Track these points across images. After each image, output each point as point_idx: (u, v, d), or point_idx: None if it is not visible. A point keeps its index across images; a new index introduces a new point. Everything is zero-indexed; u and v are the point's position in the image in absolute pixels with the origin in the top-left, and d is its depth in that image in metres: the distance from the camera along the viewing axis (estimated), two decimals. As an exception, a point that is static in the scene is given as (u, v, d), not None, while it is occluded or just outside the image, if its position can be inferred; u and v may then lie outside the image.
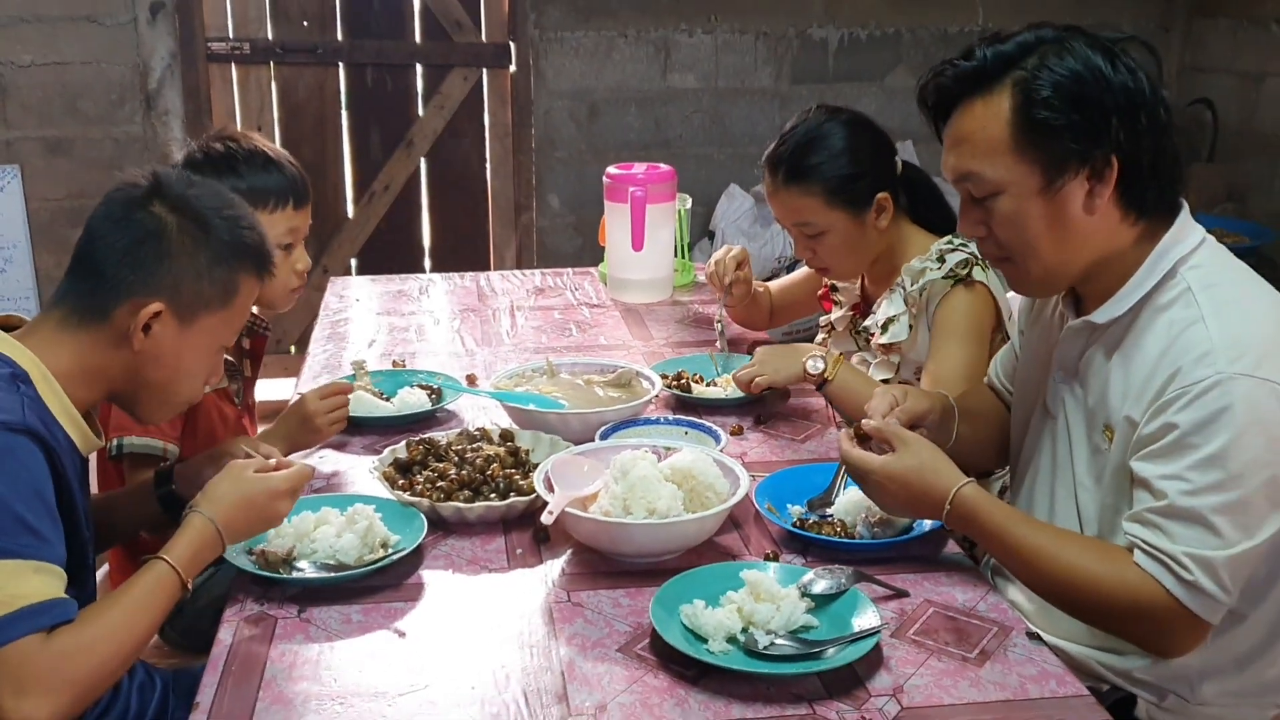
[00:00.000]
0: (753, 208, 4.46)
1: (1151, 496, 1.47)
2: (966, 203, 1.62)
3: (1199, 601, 1.44)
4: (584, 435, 1.96)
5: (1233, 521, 1.43)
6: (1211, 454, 1.43)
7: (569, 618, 1.52)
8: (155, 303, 1.50)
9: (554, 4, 4.42)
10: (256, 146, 2.12)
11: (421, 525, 1.68)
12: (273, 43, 4.43)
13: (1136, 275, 1.56)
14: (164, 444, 1.98)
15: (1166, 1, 4.82)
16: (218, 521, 1.51)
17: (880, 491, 1.60)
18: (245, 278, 1.60)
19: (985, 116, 1.55)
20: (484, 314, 2.83)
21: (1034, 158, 1.52)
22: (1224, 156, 4.60)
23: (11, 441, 1.36)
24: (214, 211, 1.57)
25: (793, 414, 2.20)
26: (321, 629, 1.50)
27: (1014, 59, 1.54)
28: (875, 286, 2.37)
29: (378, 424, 2.10)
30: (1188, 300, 1.52)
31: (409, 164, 4.65)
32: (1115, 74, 1.51)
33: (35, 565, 1.33)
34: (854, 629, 1.44)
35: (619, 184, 2.86)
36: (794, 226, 2.27)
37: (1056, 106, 1.50)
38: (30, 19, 4.10)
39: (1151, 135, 1.51)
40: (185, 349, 1.56)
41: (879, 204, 2.22)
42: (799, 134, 2.22)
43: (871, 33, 4.66)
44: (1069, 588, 1.52)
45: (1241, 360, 1.43)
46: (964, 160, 1.58)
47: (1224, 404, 1.42)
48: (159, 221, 1.53)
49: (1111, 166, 1.51)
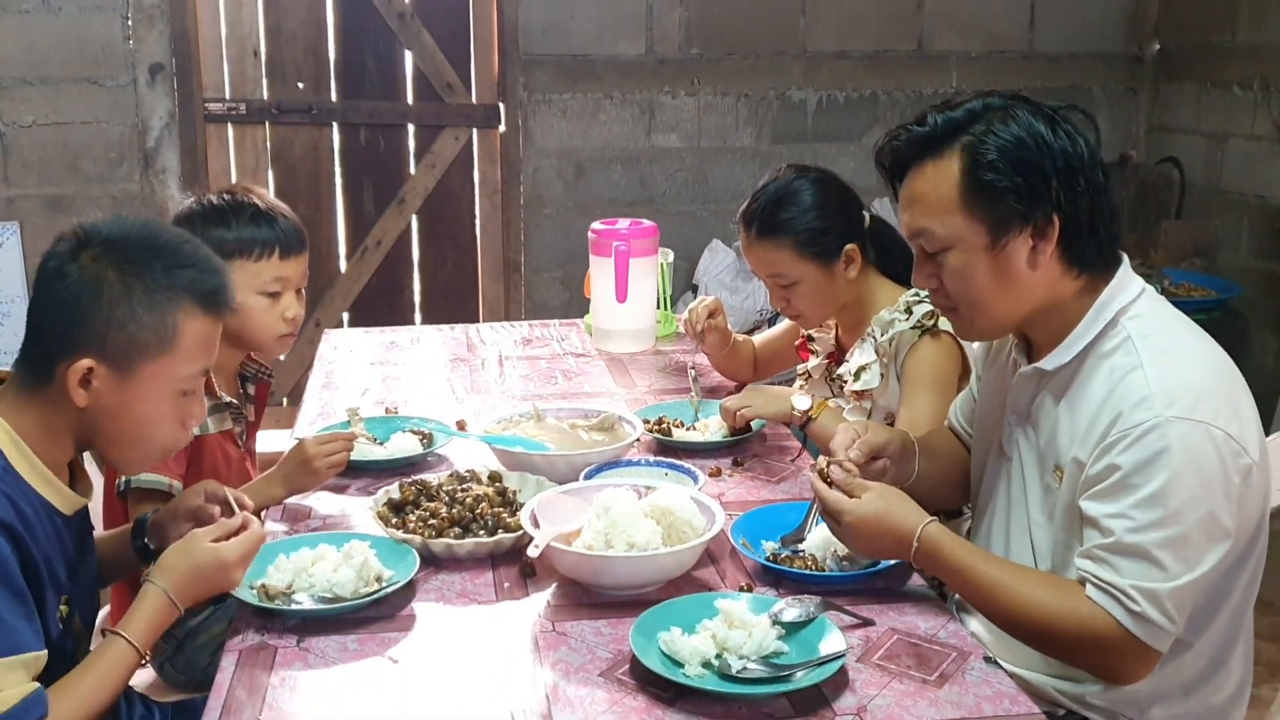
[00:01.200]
0: (735, 262, 4.59)
1: (1100, 534, 1.57)
2: (920, 257, 1.74)
3: (1147, 631, 1.54)
4: (569, 476, 2.06)
5: (1174, 555, 1.53)
6: (1152, 493, 1.53)
7: (553, 645, 1.60)
8: (85, 358, 1.49)
9: (542, 67, 4.57)
10: (249, 199, 2.20)
11: (414, 561, 1.77)
12: (269, 103, 4.56)
13: (1081, 324, 1.68)
14: (169, 480, 2.03)
15: (1134, 65, 4.99)
16: (171, 592, 1.57)
17: (852, 533, 1.69)
18: (186, 317, 1.55)
19: (936, 178, 1.67)
20: (473, 363, 2.93)
21: (980, 216, 1.64)
22: (1191, 213, 4.75)
23: None
24: (146, 253, 1.54)
25: (768, 456, 2.30)
26: (320, 657, 1.58)
27: (963, 125, 1.66)
28: (848, 335, 2.47)
29: (372, 467, 2.20)
30: (1128, 348, 1.63)
31: (401, 220, 4.77)
32: (1056, 139, 1.63)
33: (6, 663, 1.39)
34: (821, 654, 1.53)
35: (603, 239, 2.97)
36: (768, 277, 2.39)
37: (1001, 169, 1.62)
38: (34, 81, 4.23)
39: (1090, 196, 1.64)
40: (134, 399, 1.54)
41: (847, 255, 2.34)
42: (770, 191, 2.35)
43: (849, 95, 4.82)
44: (1026, 619, 1.61)
45: (1177, 404, 1.54)
46: (916, 218, 1.70)
47: (1162, 445, 1.53)
48: (84, 274, 1.51)
49: (1053, 225, 1.62)
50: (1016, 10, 4.87)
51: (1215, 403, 1.56)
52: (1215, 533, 1.54)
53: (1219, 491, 1.54)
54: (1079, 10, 4.90)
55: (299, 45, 4.57)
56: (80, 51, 4.24)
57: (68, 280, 1.51)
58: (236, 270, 2.06)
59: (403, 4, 4.58)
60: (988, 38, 4.86)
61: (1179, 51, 4.84)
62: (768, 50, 4.71)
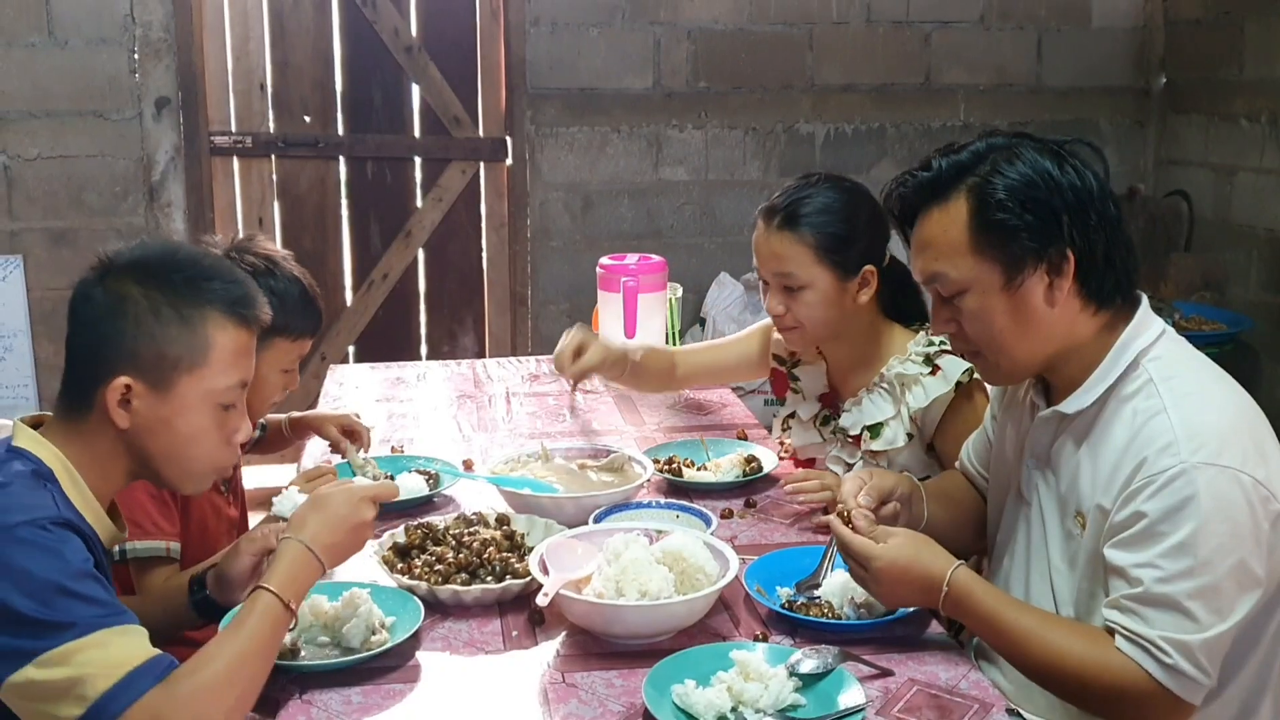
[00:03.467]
0: (743, 295, 4.56)
1: (1127, 584, 1.53)
2: (937, 302, 1.72)
3: (1180, 684, 1.50)
4: (578, 519, 2.02)
5: (1206, 606, 1.49)
6: (1181, 541, 1.49)
7: (564, 698, 1.56)
8: (121, 377, 1.50)
9: (549, 101, 4.56)
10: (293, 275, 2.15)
11: (418, 609, 1.73)
12: (275, 136, 4.55)
13: (1101, 367, 1.64)
14: (166, 543, 1.98)
15: (1141, 98, 4.98)
16: (308, 541, 1.55)
17: (880, 578, 1.63)
18: (217, 328, 1.55)
19: (945, 221, 1.65)
20: (480, 400, 2.90)
21: (993, 257, 1.62)
22: (1201, 246, 4.72)
23: (57, 534, 1.40)
24: (167, 269, 1.55)
25: (782, 498, 2.25)
26: (323, 710, 1.54)
27: (968, 167, 1.64)
28: (844, 374, 2.34)
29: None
30: (1150, 391, 1.60)
31: (407, 254, 4.75)
32: (1063, 175, 1.61)
33: (119, 630, 1.37)
34: (839, 707, 1.48)
35: (612, 274, 2.95)
36: (774, 276, 2.23)
37: (1010, 208, 1.60)
38: (40, 114, 4.22)
39: (1103, 229, 1.61)
40: (174, 415, 1.54)
41: (864, 276, 2.20)
42: (800, 188, 2.22)
43: (857, 128, 4.80)
44: (1056, 669, 1.57)
45: (1203, 450, 1.51)
46: (929, 263, 1.68)
47: (1189, 493, 1.49)
48: (112, 295, 1.53)
49: (1068, 260, 1.60)
50: (1024, 44, 4.85)
51: (1241, 447, 1.53)
52: (1246, 581, 1.50)
53: (1249, 539, 1.50)
54: (1086, 44, 4.89)
55: (306, 79, 4.56)
56: (86, 85, 4.23)
57: (94, 303, 1.53)
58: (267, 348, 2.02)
59: (410, 38, 4.57)
60: (995, 71, 4.84)
61: (1186, 85, 4.83)
62: (775, 83, 4.70)
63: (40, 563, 1.36)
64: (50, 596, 1.35)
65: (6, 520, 1.39)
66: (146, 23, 4.23)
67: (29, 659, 1.32)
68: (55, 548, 1.39)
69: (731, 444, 2.48)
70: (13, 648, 1.33)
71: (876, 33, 4.73)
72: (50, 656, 1.32)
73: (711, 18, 4.60)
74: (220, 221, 4.51)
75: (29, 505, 1.42)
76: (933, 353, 2.18)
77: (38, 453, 1.51)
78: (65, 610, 1.34)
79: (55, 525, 1.41)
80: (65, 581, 1.36)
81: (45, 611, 1.34)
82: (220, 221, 4.51)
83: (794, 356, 2.45)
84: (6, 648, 1.33)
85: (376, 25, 4.53)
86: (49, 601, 1.34)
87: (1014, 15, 4.82)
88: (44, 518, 1.40)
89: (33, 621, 1.33)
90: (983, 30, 4.81)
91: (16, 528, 1.38)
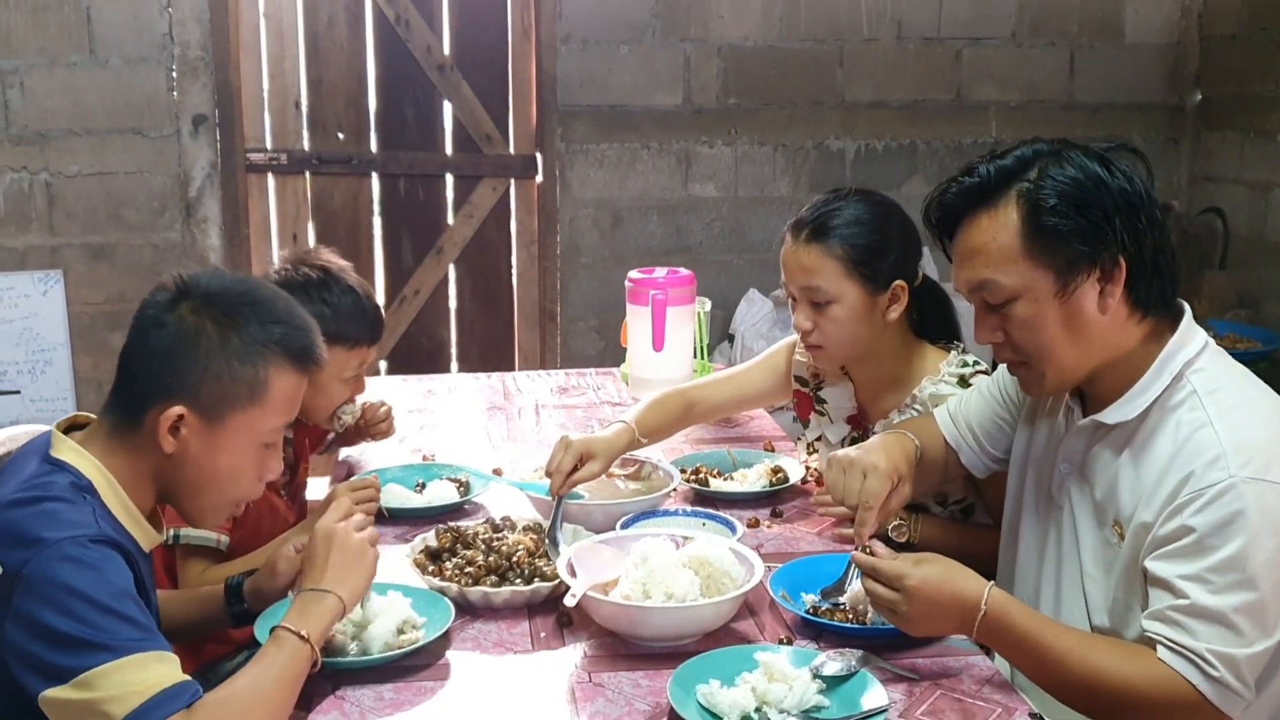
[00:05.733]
0: (772, 311, 4.57)
1: (1172, 595, 1.52)
2: (982, 311, 1.68)
3: (1223, 697, 1.49)
4: (605, 525, 2.03)
5: (1252, 621, 1.49)
6: (1230, 556, 1.49)
7: (590, 696, 1.58)
8: (177, 406, 1.52)
9: (579, 118, 4.60)
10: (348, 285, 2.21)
11: (448, 609, 1.75)
12: (309, 153, 4.62)
13: (1145, 378, 1.63)
14: (217, 535, 2.03)
15: (1175, 115, 4.96)
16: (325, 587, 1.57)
17: (912, 597, 1.59)
18: (277, 371, 1.57)
19: (994, 228, 1.62)
20: (509, 411, 2.93)
21: (1046, 262, 1.60)
22: (1235, 264, 4.69)
23: (99, 552, 1.42)
24: (243, 308, 1.57)
25: (808, 508, 2.26)
26: (355, 706, 1.56)
27: (1015, 173, 1.63)
28: (874, 395, 2.29)
29: (409, 515, 2.19)
30: (1194, 403, 1.59)
31: (439, 270, 4.80)
32: (1113, 179, 1.60)
33: (155, 655, 1.38)
34: (863, 708, 1.49)
35: (641, 288, 2.97)
36: (802, 290, 2.18)
37: (1063, 212, 1.58)
38: (80, 132, 4.29)
39: (1152, 234, 1.61)
40: (219, 449, 1.56)
41: (894, 291, 2.15)
42: (829, 201, 2.19)
43: (887, 144, 4.81)
44: (1098, 685, 1.55)
45: (1251, 464, 1.51)
46: (978, 270, 1.65)
47: (1238, 508, 1.49)
48: (183, 323, 1.54)
49: (1120, 266, 1.59)
50: (1056, 60, 4.86)
51: None
52: None
53: None
54: (1119, 60, 4.88)
55: (340, 97, 4.63)
56: (125, 103, 4.31)
57: (166, 329, 1.54)
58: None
59: (442, 56, 4.63)
60: (1027, 88, 4.85)
61: (1221, 101, 4.81)
62: (805, 100, 4.72)
63: (81, 580, 1.38)
64: (90, 615, 1.36)
65: (49, 536, 1.40)
66: (185, 42, 4.31)
67: (65, 679, 1.34)
68: (97, 565, 1.40)
69: (758, 455, 2.49)
70: (50, 664, 1.35)
71: (907, 49, 4.75)
72: (85, 679, 1.34)
73: (742, 35, 4.63)
74: (255, 238, 4.57)
75: (71, 521, 1.43)
76: (967, 373, 2.15)
77: (77, 464, 1.52)
78: (104, 630, 1.36)
79: (96, 543, 1.42)
80: (105, 600, 1.38)
81: (84, 630, 1.36)
82: (255, 238, 4.57)
83: (817, 378, 2.40)
84: (44, 664, 1.35)
85: (410, 43, 4.59)
86: (88, 620, 1.36)
87: (1046, 31, 4.82)
88: (85, 535, 1.42)
89: (71, 640, 1.35)
90: (1014, 46, 4.82)
91: (60, 543, 1.40)
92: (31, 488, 1.48)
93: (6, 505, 1.46)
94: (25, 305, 4.33)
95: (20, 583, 1.38)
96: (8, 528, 1.43)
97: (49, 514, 1.43)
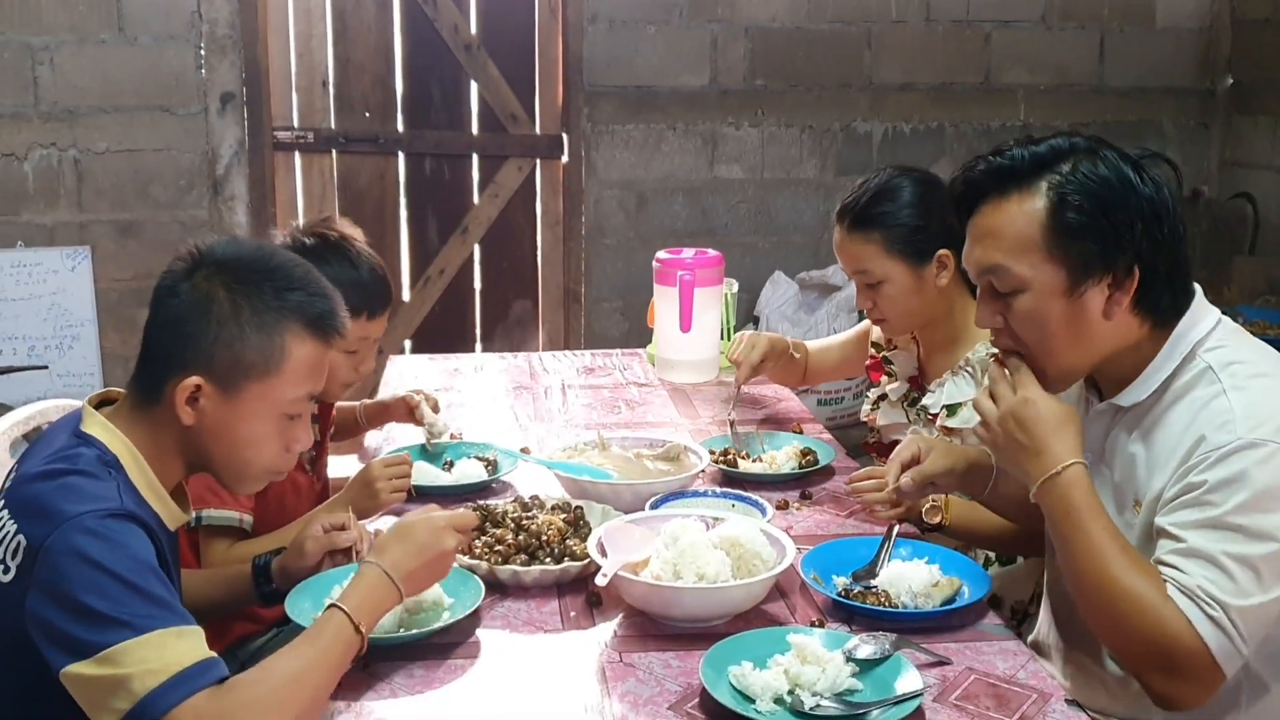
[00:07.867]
0: (797, 294, 4.55)
1: (1172, 541, 1.53)
2: (986, 294, 1.68)
3: (1219, 641, 1.47)
4: (634, 505, 2.03)
5: (1246, 572, 1.47)
6: (1230, 509, 1.49)
7: (621, 676, 1.58)
8: (193, 376, 1.50)
9: (606, 99, 4.58)
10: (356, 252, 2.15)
11: (478, 588, 1.75)
12: (336, 132, 4.62)
13: (1156, 360, 1.63)
14: (239, 514, 2.02)
15: (1206, 99, 4.91)
16: (388, 569, 1.56)
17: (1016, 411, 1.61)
18: (295, 340, 1.55)
19: (1017, 214, 1.61)
20: (536, 391, 2.92)
21: (1061, 259, 1.59)
22: (1265, 250, 4.65)
23: (120, 526, 1.40)
24: (257, 275, 1.55)
25: (837, 490, 2.25)
26: (385, 683, 1.57)
27: (1047, 161, 1.61)
28: (933, 357, 2.38)
29: (437, 492, 2.19)
30: (1209, 378, 1.58)
31: (464, 249, 4.79)
32: (1143, 185, 1.59)
33: (176, 631, 1.37)
34: (896, 692, 1.48)
35: (669, 268, 2.96)
36: (855, 274, 2.32)
37: (1089, 211, 1.57)
38: (109, 109, 4.30)
39: (1171, 245, 1.59)
40: (238, 419, 1.54)
41: (940, 260, 2.25)
42: (870, 186, 2.29)
43: (915, 127, 4.78)
44: (1115, 592, 1.52)
45: (1262, 428, 1.50)
46: (991, 253, 1.64)
47: (1243, 465, 1.49)
48: (198, 292, 1.53)
49: (1132, 275, 1.58)
50: (1086, 44, 4.81)
51: None
52: None
53: None
54: (1150, 45, 4.84)
55: (367, 76, 4.62)
56: (154, 80, 4.32)
57: (179, 298, 1.53)
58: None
59: (469, 35, 4.62)
60: (1056, 71, 4.81)
61: (1253, 86, 4.76)
62: (832, 82, 4.69)
63: (101, 553, 1.37)
64: (111, 589, 1.35)
65: (70, 510, 1.40)
66: (213, 20, 4.31)
67: (87, 654, 1.33)
68: (117, 538, 1.39)
69: (787, 437, 2.48)
70: (72, 638, 1.34)
71: (935, 31, 4.71)
72: (108, 655, 1.32)
73: (769, 16, 4.60)
74: (281, 215, 4.58)
75: (93, 495, 1.43)
76: None
77: (104, 439, 1.52)
78: (126, 606, 1.35)
79: (116, 517, 1.41)
80: (125, 573, 1.36)
81: (104, 604, 1.34)
82: (281, 215, 4.58)
83: (890, 343, 2.51)
84: (66, 638, 1.35)
85: (437, 23, 4.58)
86: (109, 594, 1.35)
87: (1076, 14, 4.78)
88: (105, 509, 1.41)
89: (93, 614, 1.34)
90: (1044, 30, 4.78)
91: (81, 517, 1.39)
92: (58, 460, 1.48)
93: (33, 478, 1.46)
94: (53, 281, 4.36)
95: (42, 555, 1.38)
96: (32, 500, 1.43)
97: (71, 488, 1.43)
